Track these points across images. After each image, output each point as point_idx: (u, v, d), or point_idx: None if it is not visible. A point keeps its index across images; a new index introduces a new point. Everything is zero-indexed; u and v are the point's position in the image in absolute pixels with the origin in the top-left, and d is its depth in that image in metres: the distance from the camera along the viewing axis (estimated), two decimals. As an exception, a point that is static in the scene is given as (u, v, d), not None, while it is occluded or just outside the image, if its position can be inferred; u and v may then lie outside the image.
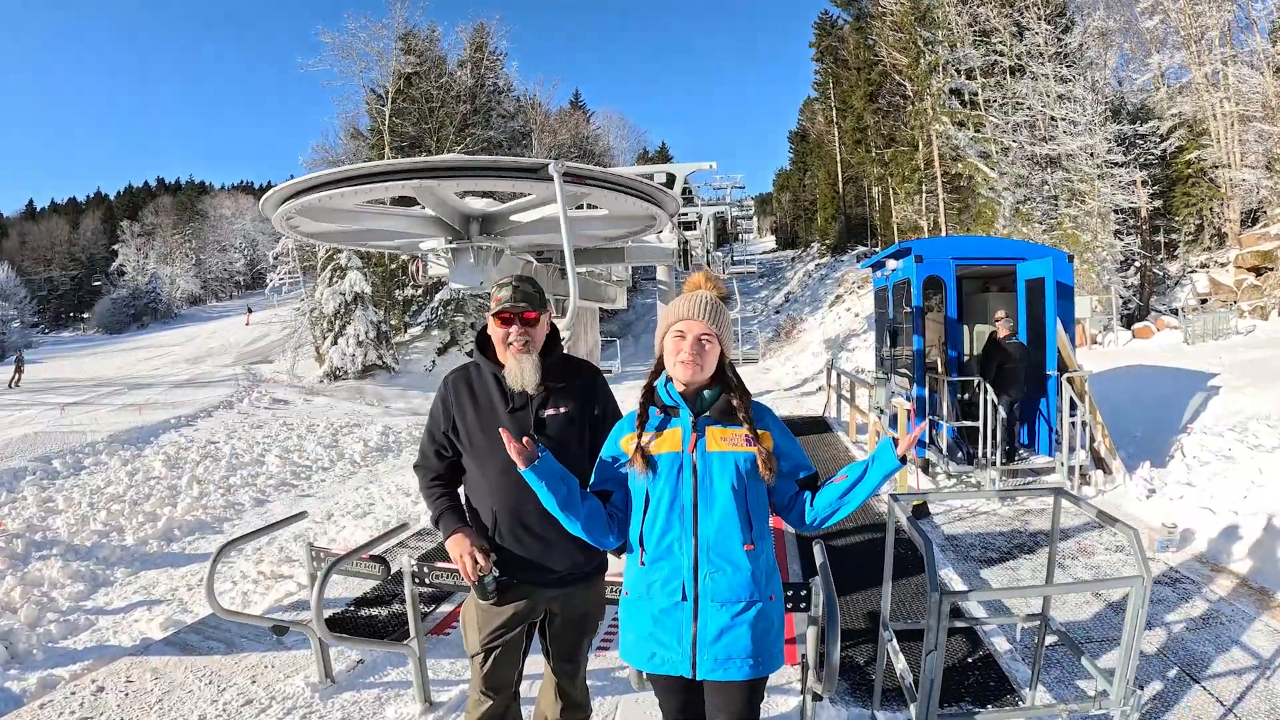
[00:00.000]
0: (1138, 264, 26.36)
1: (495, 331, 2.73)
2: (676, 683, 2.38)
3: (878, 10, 38.38)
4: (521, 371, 2.69)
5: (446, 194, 6.25)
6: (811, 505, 2.40)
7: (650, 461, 2.33)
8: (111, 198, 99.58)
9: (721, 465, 2.31)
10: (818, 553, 3.34)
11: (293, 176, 6.35)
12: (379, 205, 7.42)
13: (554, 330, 2.86)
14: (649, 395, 2.44)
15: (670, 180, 17.68)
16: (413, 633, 3.79)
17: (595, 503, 2.43)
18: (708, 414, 2.37)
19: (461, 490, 2.93)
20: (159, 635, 6.41)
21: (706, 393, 2.39)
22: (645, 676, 2.50)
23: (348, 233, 7.65)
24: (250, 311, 47.54)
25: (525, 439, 2.31)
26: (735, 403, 2.37)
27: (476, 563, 2.65)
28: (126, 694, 4.33)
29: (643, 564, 2.38)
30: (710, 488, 2.30)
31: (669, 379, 2.42)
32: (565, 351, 2.97)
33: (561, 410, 2.77)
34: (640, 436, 2.38)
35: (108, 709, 4.17)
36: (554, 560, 2.75)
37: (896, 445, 2.31)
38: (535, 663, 3.04)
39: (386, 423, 21.19)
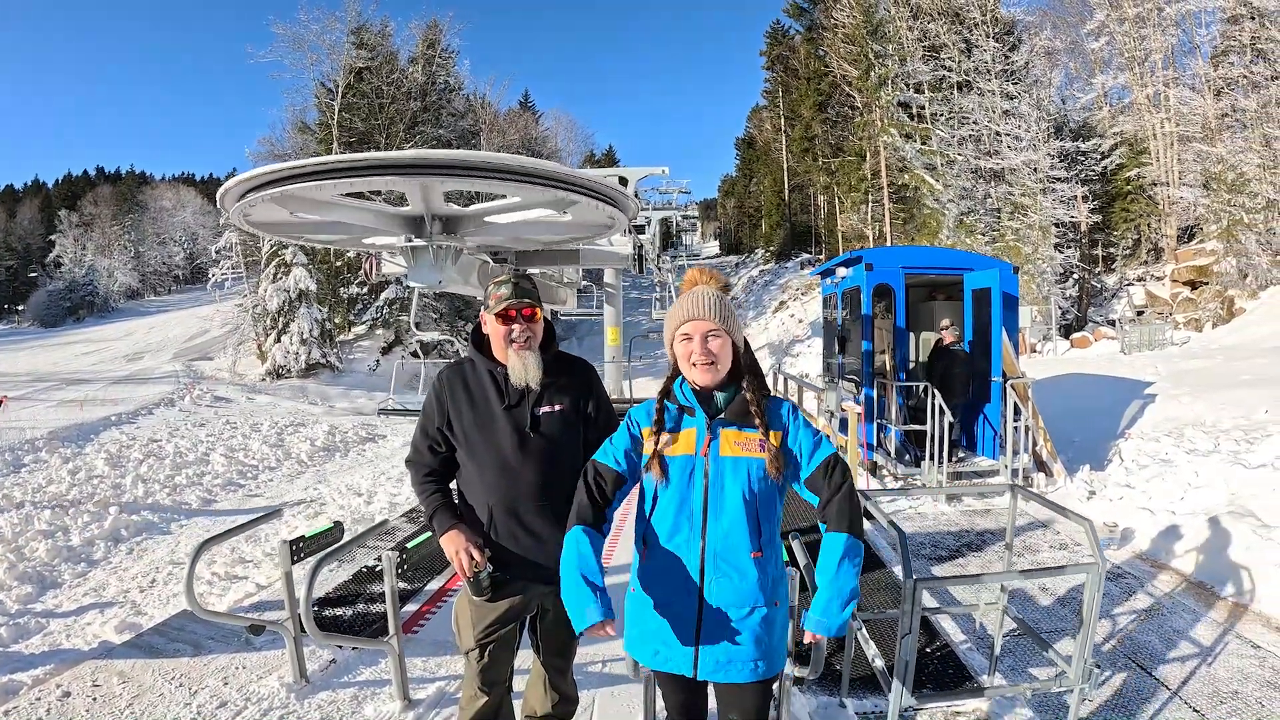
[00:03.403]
0: (1076, 276, 27.25)
1: (496, 329, 2.74)
2: (679, 681, 2.37)
3: (830, 22, 39.10)
4: (525, 368, 2.71)
5: (436, 193, 6.21)
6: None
7: (664, 466, 2.29)
8: (50, 186, 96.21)
9: (734, 471, 2.26)
10: (798, 549, 3.44)
11: (235, 170, 6.20)
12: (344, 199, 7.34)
13: (550, 326, 2.87)
14: (666, 394, 2.39)
15: (623, 184, 17.80)
16: (391, 630, 3.78)
17: (601, 542, 2.38)
18: (723, 415, 2.31)
19: (454, 485, 2.93)
20: (115, 638, 6.26)
21: (720, 394, 2.33)
22: (644, 669, 2.50)
23: (307, 225, 7.53)
24: None
25: None
26: (750, 403, 2.30)
27: (472, 559, 2.67)
28: (95, 699, 4.22)
29: (647, 561, 2.35)
30: (721, 493, 2.25)
31: (684, 379, 2.38)
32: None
33: (557, 408, 2.78)
34: (658, 439, 2.33)
35: (76, 714, 4.06)
36: (548, 557, 2.72)
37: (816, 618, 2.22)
38: (523, 656, 3.06)
39: (332, 422, 20.86)
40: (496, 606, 2.77)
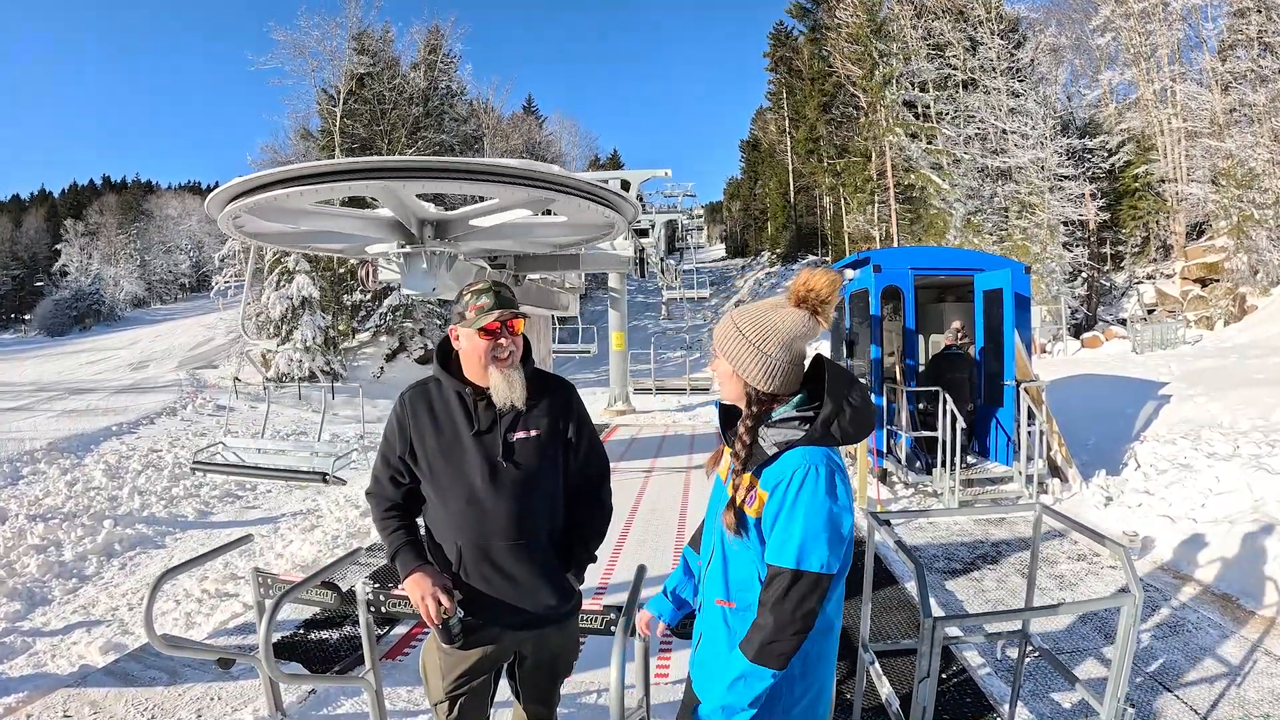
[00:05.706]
0: (1085, 275, 26.96)
1: (478, 344, 2.42)
2: None
3: (833, 22, 38.92)
4: (510, 386, 2.42)
5: (409, 197, 6.04)
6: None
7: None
8: (56, 195, 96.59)
9: (720, 505, 2.07)
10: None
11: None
12: (331, 206, 7.18)
13: (526, 340, 2.57)
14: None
15: (625, 187, 17.61)
16: (368, 664, 3.50)
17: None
18: None
19: (421, 521, 2.64)
20: (99, 659, 6.07)
21: None
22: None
23: (301, 234, 7.38)
24: None
25: None
26: (741, 441, 2.00)
27: (439, 604, 2.37)
28: (62, 730, 4.01)
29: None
30: (714, 526, 2.09)
31: None
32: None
33: (533, 433, 2.48)
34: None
35: (41, 746, 3.86)
36: (524, 601, 2.48)
37: None
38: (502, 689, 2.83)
39: (333, 430, 20.69)
40: (468, 655, 2.49)
